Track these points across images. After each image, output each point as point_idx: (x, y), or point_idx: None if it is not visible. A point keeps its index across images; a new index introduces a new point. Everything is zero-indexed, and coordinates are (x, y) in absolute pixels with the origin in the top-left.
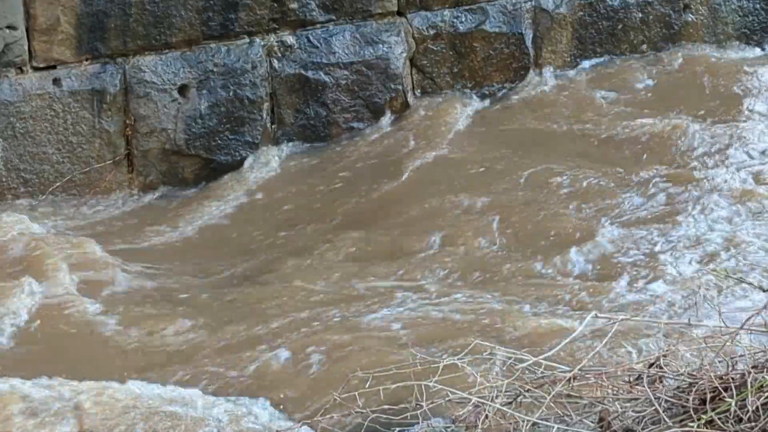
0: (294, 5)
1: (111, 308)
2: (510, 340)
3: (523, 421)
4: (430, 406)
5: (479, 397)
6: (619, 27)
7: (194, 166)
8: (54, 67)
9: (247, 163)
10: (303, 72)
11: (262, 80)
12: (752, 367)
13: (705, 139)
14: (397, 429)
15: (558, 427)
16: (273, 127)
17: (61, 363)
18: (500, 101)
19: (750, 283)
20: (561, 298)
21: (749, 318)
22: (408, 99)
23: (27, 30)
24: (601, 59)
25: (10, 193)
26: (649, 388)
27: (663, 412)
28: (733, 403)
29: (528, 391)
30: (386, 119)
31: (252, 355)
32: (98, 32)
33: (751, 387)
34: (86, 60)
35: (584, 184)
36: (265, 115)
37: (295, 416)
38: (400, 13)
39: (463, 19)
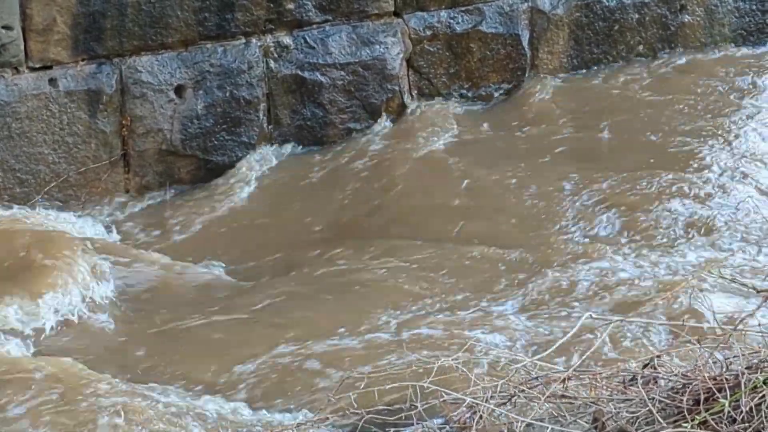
0: (290, 6)
1: (115, 308)
2: (507, 340)
3: (518, 422)
4: (425, 406)
5: (473, 398)
6: (616, 28)
7: (191, 166)
8: (50, 67)
9: (243, 164)
10: (299, 72)
11: (258, 81)
12: (746, 368)
13: (704, 140)
14: (392, 430)
15: (552, 428)
16: (269, 127)
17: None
18: (497, 102)
19: (744, 284)
20: (555, 298)
21: (743, 319)
22: (405, 100)
23: (23, 30)
24: (599, 60)
25: (6, 194)
26: (643, 388)
27: (657, 412)
28: (727, 404)
29: (522, 391)
30: (383, 120)
31: (248, 357)
32: (94, 32)
33: (745, 388)
34: (82, 60)
35: (581, 186)
36: (261, 116)
37: (290, 417)
38: (396, 14)
39: (460, 20)
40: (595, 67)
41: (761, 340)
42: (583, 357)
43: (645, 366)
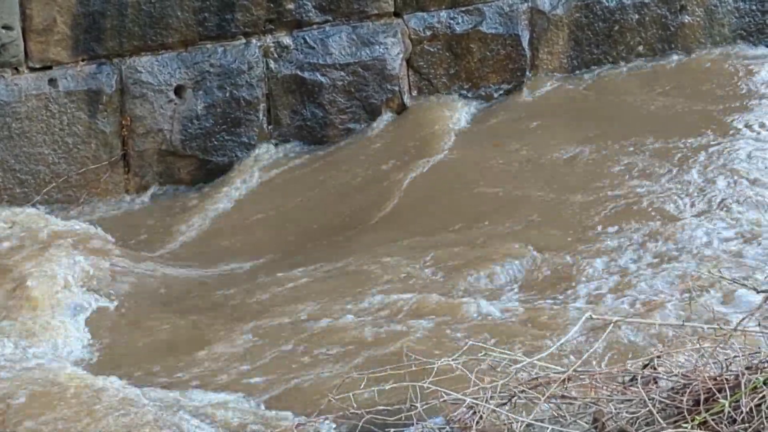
0: (290, 6)
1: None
2: (506, 340)
3: (518, 422)
4: (425, 407)
5: (474, 398)
6: (616, 28)
7: (190, 166)
8: (50, 67)
9: (243, 164)
10: (299, 73)
11: (258, 81)
12: (746, 368)
13: (703, 141)
14: (392, 430)
15: (552, 428)
16: (269, 128)
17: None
18: (497, 103)
19: (744, 285)
20: (555, 297)
21: (743, 319)
22: (404, 100)
23: (23, 30)
24: (599, 61)
25: (6, 194)
26: (643, 389)
27: (657, 413)
28: (727, 405)
29: (522, 392)
30: (383, 120)
31: (247, 357)
32: (94, 33)
33: (745, 388)
34: (82, 60)
35: (581, 186)
36: (261, 116)
37: (289, 417)
38: (396, 14)
39: (460, 21)
40: (596, 68)
41: (761, 340)
42: (583, 357)
43: (645, 366)
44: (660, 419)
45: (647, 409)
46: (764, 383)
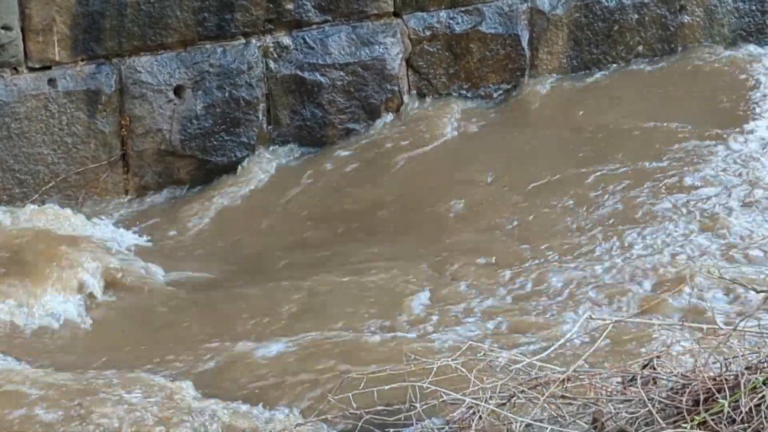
0: (290, 6)
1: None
2: (505, 341)
3: (517, 422)
4: (424, 407)
5: (473, 398)
6: (615, 28)
7: (190, 167)
8: (49, 67)
9: (242, 165)
10: (299, 73)
11: (257, 81)
12: (745, 368)
13: (703, 141)
14: (392, 430)
15: (552, 428)
16: (269, 128)
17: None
18: (497, 102)
19: (743, 285)
20: (554, 298)
21: (742, 319)
22: (404, 100)
23: (22, 30)
24: (599, 61)
25: (5, 194)
26: (642, 389)
27: (656, 413)
28: (726, 405)
29: (522, 392)
30: (382, 120)
31: (246, 356)
32: (94, 33)
33: (745, 388)
34: (82, 60)
35: (578, 187)
36: (260, 116)
37: (289, 418)
38: (396, 14)
39: (459, 20)
40: (595, 68)
41: (761, 340)
42: (583, 357)
43: (644, 366)
44: (659, 419)
45: (647, 409)
46: (764, 383)
